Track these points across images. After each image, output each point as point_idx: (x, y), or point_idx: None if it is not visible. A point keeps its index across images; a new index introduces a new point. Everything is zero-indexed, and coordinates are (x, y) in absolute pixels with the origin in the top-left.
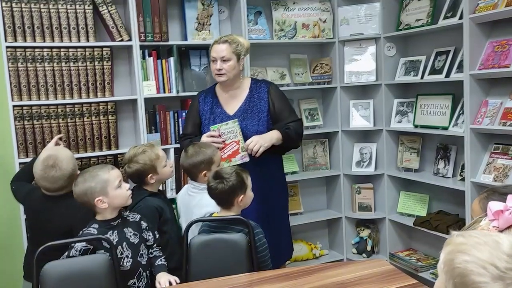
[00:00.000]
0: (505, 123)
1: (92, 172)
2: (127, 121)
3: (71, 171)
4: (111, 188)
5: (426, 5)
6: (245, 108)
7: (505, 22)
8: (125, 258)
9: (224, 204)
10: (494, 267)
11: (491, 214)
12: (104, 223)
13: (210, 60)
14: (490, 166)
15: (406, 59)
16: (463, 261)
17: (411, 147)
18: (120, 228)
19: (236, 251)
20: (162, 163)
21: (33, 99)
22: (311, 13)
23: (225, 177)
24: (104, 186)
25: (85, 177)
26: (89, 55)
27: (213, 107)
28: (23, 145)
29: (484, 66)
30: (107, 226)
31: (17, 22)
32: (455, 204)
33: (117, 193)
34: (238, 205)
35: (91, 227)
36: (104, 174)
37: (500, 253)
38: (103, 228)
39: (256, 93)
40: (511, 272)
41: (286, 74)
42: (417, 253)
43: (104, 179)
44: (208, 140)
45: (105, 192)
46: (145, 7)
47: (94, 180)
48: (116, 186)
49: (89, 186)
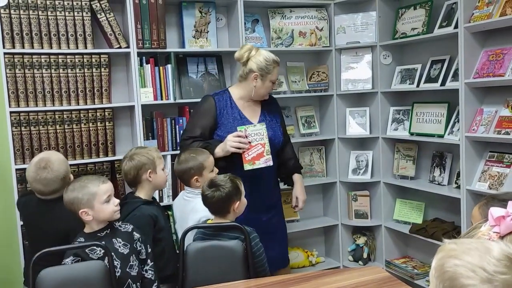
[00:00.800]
0: (500, 132)
1: (82, 182)
2: (124, 127)
3: (63, 173)
4: (98, 202)
5: (421, 14)
6: (264, 115)
7: (500, 31)
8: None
9: (220, 212)
10: (483, 270)
11: (492, 220)
12: (90, 235)
13: (268, 80)
14: (485, 174)
15: (402, 68)
16: (453, 265)
17: (407, 155)
18: (108, 239)
19: (232, 258)
20: (161, 165)
21: (31, 105)
22: (308, 21)
23: (221, 185)
24: (90, 199)
25: (75, 186)
26: (87, 62)
27: (234, 112)
28: (20, 151)
29: (479, 74)
30: (93, 238)
31: (15, 28)
32: (451, 211)
33: (103, 208)
34: (234, 212)
35: (77, 240)
36: (93, 187)
37: (490, 257)
38: (89, 240)
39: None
40: (499, 275)
41: (283, 81)
42: (413, 260)
43: (92, 192)
44: (234, 140)
45: (90, 205)
46: (143, 14)
47: (82, 191)
48: (103, 200)
49: (76, 197)
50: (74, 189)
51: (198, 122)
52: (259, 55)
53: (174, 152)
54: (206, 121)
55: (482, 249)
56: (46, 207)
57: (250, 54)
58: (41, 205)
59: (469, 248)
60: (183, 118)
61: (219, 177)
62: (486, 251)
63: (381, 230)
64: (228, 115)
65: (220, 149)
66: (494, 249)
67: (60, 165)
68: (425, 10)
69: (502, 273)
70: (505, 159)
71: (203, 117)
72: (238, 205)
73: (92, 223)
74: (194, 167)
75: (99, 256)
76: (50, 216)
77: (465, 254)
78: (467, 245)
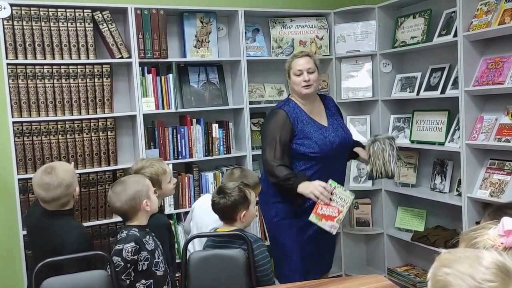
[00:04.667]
0: (500, 139)
1: (129, 179)
2: (126, 137)
3: (68, 182)
4: (152, 193)
5: (421, 23)
6: (332, 119)
7: (498, 39)
8: (160, 262)
9: (226, 218)
10: (471, 278)
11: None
12: (141, 228)
13: (292, 74)
14: (486, 181)
15: (402, 76)
16: (444, 273)
17: (408, 162)
18: (151, 235)
19: (234, 267)
20: (167, 178)
21: (33, 115)
22: (308, 30)
23: (228, 192)
24: (147, 190)
25: (127, 183)
26: (89, 72)
27: (303, 116)
28: (22, 161)
29: (479, 82)
30: (143, 231)
31: (18, 39)
32: (452, 219)
33: (155, 198)
34: (241, 221)
35: (132, 230)
36: (144, 180)
37: (479, 266)
38: (142, 232)
39: (329, 106)
40: (487, 283)
41: (284, 90)
42: (415, 268)
43: (147, 183)
44: (319, 190)
45: (148, 196)
46: (144, 25)
47: (139, 184)
48: (153, 191)
49: (137, 190)
50: (129, 185)
51: (278, 138)
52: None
53: (175, 161)
54: (285, 134)
55: (473, 258)
56: (47, 220)
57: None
58: (43, 218)
59: (461, 257)
60: (184, 127)
61: (229, 184)
62: (477, 260)
63: (383, 238)
64: (301, 121)
65: (302, 188)
66: (484, 258)
67: (66, 174)
68: (424, 18)
69: (489, 281)
70: (506, 166)
71: (282, 132)
72: (245, 215)
73: (143, 217)
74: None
75: (151, 248)
76: (50, 230)
77: (456, 263)
78: (460, 254)
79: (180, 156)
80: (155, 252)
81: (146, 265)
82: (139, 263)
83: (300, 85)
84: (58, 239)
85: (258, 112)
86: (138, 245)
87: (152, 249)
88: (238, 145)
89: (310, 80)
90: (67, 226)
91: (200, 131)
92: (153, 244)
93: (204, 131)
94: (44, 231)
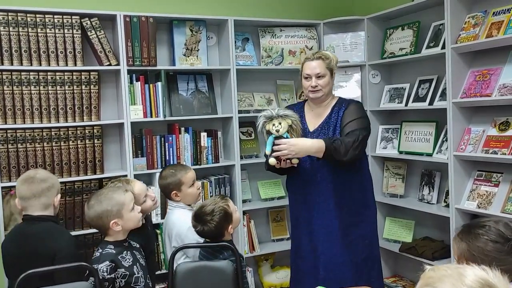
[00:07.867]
0: (488, 151)
1: (107, 195)
2: (113, 145)
3: (51, 183)
4: (126, 211)
5: (409, 35)
6: (323, 125)
7: (486, 52)
8: (140, 277)
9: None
10: None
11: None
12: (117, 243)
13: (302, 77)
14: (473, 192)
15: (390, 87)
16: None
17: (396, 173)
18: (131, 250)
19: (222, 278)
20: (130, 206)
21: (18, 122)
22: (298, 40)
23: (207, 220)
24: (119, 209)
25: (100, 199)
26: (76, 79)
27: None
28: (6, 168)
29: (467, 94)
30: (120, 246)
31: (4, 45)
32: (440, 230)
33: (131, 216)
34: (229, 233)
35: (107, 247)
36: (119, 197)
37: (461, 284)
38: (119, 248)
39: (336, 111)
40: None
41: (273, 99)
42: (403, 279)
43: (120, 202)
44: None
45: (120, 215)
46: (133, 32)
47: (110, 203)
48: (130, 208)
49: (105, 209)
50: (101, 202)
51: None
52: None
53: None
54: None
55: (456, 276)
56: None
57: None
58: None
59: (445, 275)
60: (172, 135)
61: (205, 209)
62: (459, 278)
63: None
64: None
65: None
66: (467, 275)
67: (51, 176)
68: (413, 30)
69: None
70: (493, 178)
71: None
72: (232, 225)
73: (119, 234)
74: (172, 183)
75: (129, 264)
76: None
77: (440, 281)
78: (443, 271)
79: (168, 164)
80: (133, 267)
81: (123, 282)
82: (116, 280)
83: (308, 90)
84: (46, 244)
85: (247, 121)
86: (114, 263)
87: (130, 264)
88: (226, 154)
89: (317, 86)
90: (54, 230)
91: (189, 139)
92: (131, 259)
93: (193, 140)
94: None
